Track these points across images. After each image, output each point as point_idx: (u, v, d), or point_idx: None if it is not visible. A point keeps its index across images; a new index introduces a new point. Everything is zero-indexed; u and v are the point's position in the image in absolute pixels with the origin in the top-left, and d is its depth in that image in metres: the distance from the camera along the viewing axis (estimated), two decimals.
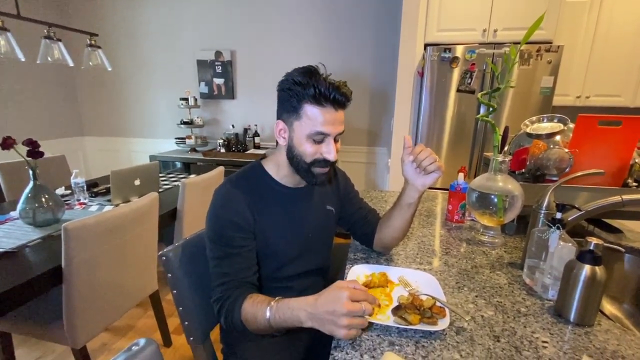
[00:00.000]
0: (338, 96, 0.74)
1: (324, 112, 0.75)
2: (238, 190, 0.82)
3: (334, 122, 0.76)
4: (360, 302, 0.59)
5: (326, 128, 0.75)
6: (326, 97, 0.73)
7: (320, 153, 0.78)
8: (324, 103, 0.74)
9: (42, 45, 1.76)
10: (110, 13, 3.42)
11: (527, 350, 0.60)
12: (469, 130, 2.25)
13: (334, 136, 0.78)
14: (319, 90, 0.72)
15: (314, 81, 0.73)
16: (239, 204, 0.80)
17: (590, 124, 1.01)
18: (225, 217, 0.79)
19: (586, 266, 0.65)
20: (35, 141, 1.40)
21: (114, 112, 3.72)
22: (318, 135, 0.76)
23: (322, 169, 0.81)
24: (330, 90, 0.73)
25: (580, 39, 2.29)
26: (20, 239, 1.34)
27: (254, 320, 0.71)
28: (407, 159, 0.83)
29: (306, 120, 0.75)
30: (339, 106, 0.76)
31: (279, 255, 0.86)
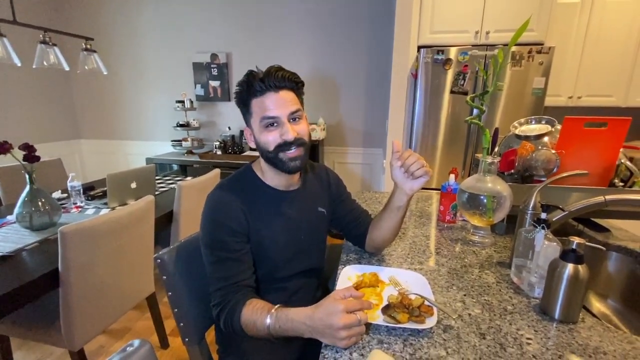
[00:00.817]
0: (273, 81, 0.78)
1: (265, 98, 0.79)
2: (230, 194, 0.84)
3: (279, 104, 0.79)
4: (356, 313, 0.61)
5: (272, 112, 0.79)
6: (261, 86, 0.78)
7: (281, 137, 0.80)
8: (263, 91, 0.79)
9: (38, 50, 1.77)
10: (105, 17, 3.43)
11: (512, 347, 0.61)
12: (462, 132, 2.27)
13: (286, 117, 0.80)
14: (255, 85, 0.78)
15: (251, 79, 0.79)
16: (232, 208, 0.82)
17: (576, 126, 1.03)
18: (220, 222, 0.81)
19: (569, 265, 0.67)
20: (31, 146, 1.41)
21: (110, 115, 3.73)
22: (267, 119, 0.79)
23: (288, 152, 0.81)
24: (263, 78, 0.78)
25: (572, 40, 2.33)
26: (17, 242, 1.35)
27: (253, 327, 0.72)
28: (396, 164, 0.84)
29: (256, 114, 0.81)
30: (278, 88, 0.79)
31: (272, 257, 0.87)
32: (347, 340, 0.60)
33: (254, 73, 0.80)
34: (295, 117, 0.81)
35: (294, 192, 0.92)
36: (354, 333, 0.61)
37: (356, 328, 0.61)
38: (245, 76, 0.81)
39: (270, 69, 0.79)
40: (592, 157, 1.04)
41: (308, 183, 0.97)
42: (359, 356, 0.59)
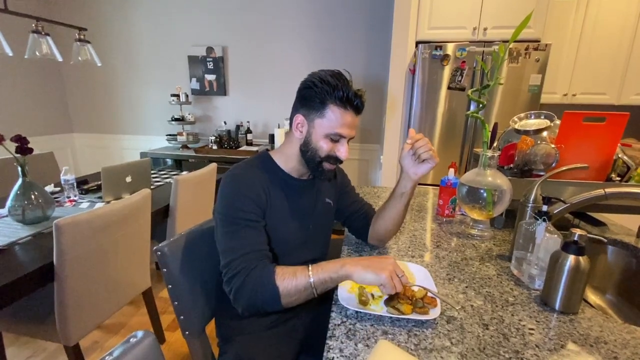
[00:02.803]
0: (359, 103, 0.81)
1: (346, 115, 0.80)
2: (250, 172, 0.85)
3: (351, 126, 0.82)
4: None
5: (344, 130, 0.81)
6: (350, 101, 0.79)
7: (334, 151, 0.84)
8: (347, 107, 0.80)
9: (30, 39, 1.73)
10: (99, 7, 3.35)
11: (515, 337, 0.62)
12: (459, 127, 2.28)
13: (348, 138, 0.84)
14: (346, 94, 0.78)
15: (342, 84, 0.78)
16: (254, 183, 0.82)
17: (575, 121, 1.04)
18: (242, 192, 0.80)
19: (570, 256, 0.68)
20: (24, 137, 1.38)
21: (104, 108, 3.66)
22: (337, 135, 0.81)
23: (331, 165, 0.86)
24: (355, 96, 0.79)
25: (567, 38, 2.34)
26: (9, 236, 1.32)
27: (292, 280, 0.71)
28: (407, 148, 0.87)
29: (328, 119, 0.80)
30: (357, 112, 0.82)
31: (282, 242, 0.87)
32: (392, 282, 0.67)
33: (347, 81, 0.80)
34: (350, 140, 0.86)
35: (306, 182, 0.93)
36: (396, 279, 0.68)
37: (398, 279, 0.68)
38: (336, 77, 0.79)
39: (360, 92, 0.81)
40: (591, 152, 1.05)
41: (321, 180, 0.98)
42: (364, 347, 0.59)
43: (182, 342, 1.70)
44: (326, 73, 0.80)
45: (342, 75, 0.81)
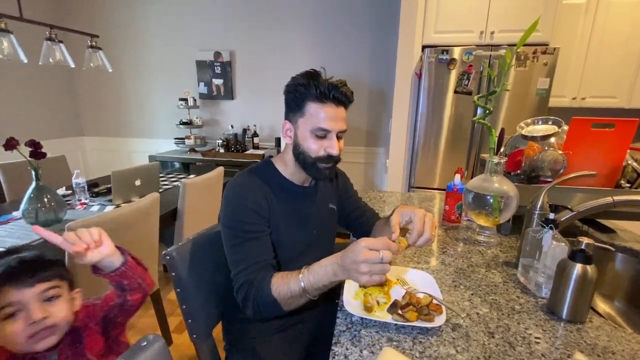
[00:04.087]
0: (337, 94, 0.80)
1: (325, 108, 0.80)
2: (252, 181, 0.86)
3: (335, 119, 0.81)
4: (378, 250, 0.63)
5: (327, 124, 0.80)
6: (326, 95, 0.79)
7: (324, 149, 0.82)
8: (324, 100, 0.80)
9: (44, 46, 1.77)
10: (110, 14, 3.42)
11: (521, 345, 0.62)
12: (466, 132, 2.27)
13: (335, 132, 0.82)
14: (319, 89, 0.79)
15: (315, 81, 0.79)
16: (256, 193, 0.84)
17: (583, 127, 1.04)
18: (243, 204, 0.82)
19: (578, 265, 0.67)
20: (37, 142, 1.42)
21: (113, 112, 3.73)
22: (320, 130, 0.81)
23: (326, 164, 0.84)
24: (330, 88, 0.79)
25: (576, 41, 2.32)
26: (22, 238, 1.35)
27: (287, 291, 0.72)
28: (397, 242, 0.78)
29: (309, 117, 0.81)
30: (339, 103, 0.81)
31: (288, 249, 0.88)
32: (367, 276, 0.62)
33: (320, 76, 0.81)
34: (340, 135, 0.85)
35: (309, 188, 0.94)
36: (375, 270, 0.62)
37: (378, 265, 0.62)
38: (309, 75, 0.81)
39: (338, 82, 0.80)
40: (599, 158, 1.04)
41: (320, 181, 0.98)
42: (369, 354, 0.60)
43: (190, 344, 1.71)
44: (300, 74, 0.82)
45: (314, 72, 0.82)
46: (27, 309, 0.61)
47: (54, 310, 0.64)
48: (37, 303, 0.62)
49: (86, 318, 0.73)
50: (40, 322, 0.61)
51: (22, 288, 0.61)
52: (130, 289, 0.71)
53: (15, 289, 0.61)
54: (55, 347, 0.65)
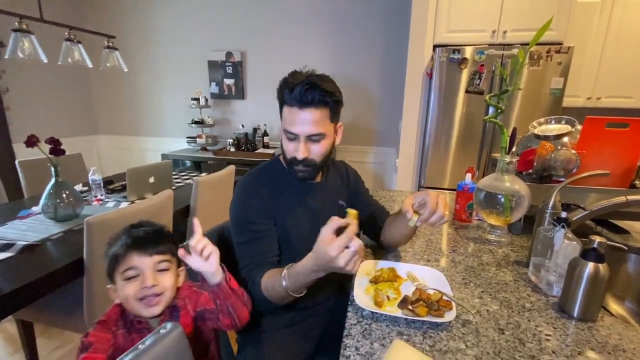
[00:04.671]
0: (300, 97, 0.77)
1: (290, 111, 0.80)
2: (258, 181, 0.90)
3: (300, 122, 0.79)
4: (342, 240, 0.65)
5: (292, 127, 0.81)
6: (291, 98, 0.79)
7: (294, 151, 0.83)
8: (290, 103, 0.80)
9: (63, 47, 1.83)
10: (125, 15, 3.50)
11: (531, 342, 0.62)
12: (477, 131, 2.26)
13: (303, 138, 0.81)
14: (286, 92, 0.79)
15: (286, 84, 0.80)
16: (260, 192, 0.88)
17: (597, 126, 1.03)
18: (248, 204, 0.87)
19: (590, 263, 0.67)
20: (57, 139, 1.46)
21: (127, 111, 3.81)
22: (288, 133, 0.82)
23: (301, 168, 0.85)
24: (297, 89, 0.77)
25: (591, 40, 2.29)
26: (42, 232, 1.40)
27: (274, 291, 0.77)
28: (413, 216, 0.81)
29: (283, 119, 0.84)
30: (304, 105, 0.78)
31: (294, 245, 0.90)
32: (351, 264, 0.65)
33: (288, 80, 0.80)
34: (314, 139, 0.82)
35: (317, 184, 0.96)
36: (352, 257, 0.65)
37: (350, 252, 0.65)
38: (286, 77, 0.81)
39: (301, 83, 0.77)
40: (613, 158, 1.03)
41: (330, 177, 1.00)
42: (380, 346, 0.61)
43: None
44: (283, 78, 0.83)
45: (290, 74, 0.81)
46: (143, 275, 0.72)
47: (163, 280, 0.74)
48: (151, 271, 0.72)
49: (186, 298, 0.79)
50: (150, 288, 0.71)
51: (143, 256, 0.72)
52: (221, 310, 0.75)
53: (138, 256, 0.72)
54: (157, 316, 0.74)
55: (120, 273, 0.72)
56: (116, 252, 0.73)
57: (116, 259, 0.72)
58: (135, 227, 0.78)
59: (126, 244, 0.72)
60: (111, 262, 0.73)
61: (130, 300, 0.71)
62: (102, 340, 0.70)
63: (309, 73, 0.81)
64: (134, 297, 0.71)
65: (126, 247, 0.72)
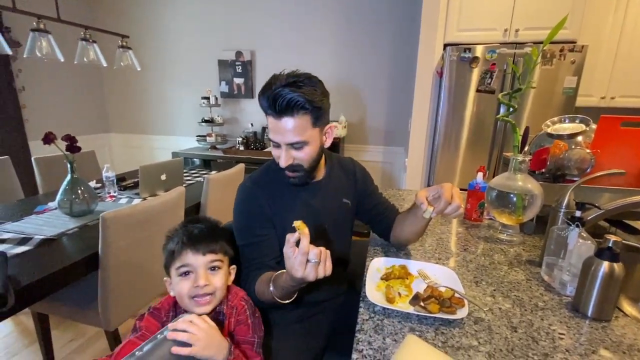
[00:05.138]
0: (276, 104, 0.74)
1: (270, 120, 0.79)
2: (256, 185, 0.92)
3: (278, 130, 0.78)
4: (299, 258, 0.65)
5: (273, 136, 0.80)
6: (267, 105, 0.77)
7: (278, 158, 0.83)
8: (268, 112, 0.78)
9: (79, 46, 1.87)
10: (136, 16, 3.56)
11: (544, 340, 0.62)
12: (487, 130, 2.24)
13: (284, 146, 0.80)
14: (264, 99, 0.77)
15: (263, 91, 0.78)
16: (257, 197, 0.90)
17: (612, 125, 1.01)
18: (246, 210, 0.90)
19: (604, 262, 0.67)
20: (73, 137, 1.50)
21: (139, 109, 3.87)
22: (271, 141, 0.82)
23: (290, 173, 0.86)
24: (270, 97, 0.75)
25: (606, 39, 2.25)
26: (59, 227, 1.43)
27: (263, 295, 0.80)
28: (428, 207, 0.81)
29: (268, 126, 0.82)
30: (281, 114, 0.75)
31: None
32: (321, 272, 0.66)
33: (265, 87, 0.77)
34: (296, 147, 0.80)
35: (318, 183, 0.95)
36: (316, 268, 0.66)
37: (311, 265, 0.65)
38: (263, 85, 0.78)
39: (276, 91, 0.74)
40: (629, 157, 1.02)
41: (333, 175, 1.00)
42: (392, 341, 0.61)
43: None
44: None
45: (271, 78, 0.78)
46: (196, 273, 0.73)
47: (214, 279, 0.75)
48: (204, 270, 0.74)
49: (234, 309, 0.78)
50: (202, 287, 0.72)
51: (197, 254, 0.74)
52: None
53: (192, 254, 0.73)
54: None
55: (175, 268, 0.75)
56: (173, 248, 0.75)
57: (172, 254, 0.75)
58: (191, 223, 0.79)
59: (182, 240, 0.74)
60: (168, 256, 0.76)
61: (183, 297, 0.73)
62: (150, 328, 0.74)
63: (288, 75, 0.77)
64: (187, 294, 0.73)
65: (182, 244, 0.74)
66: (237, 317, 0.77)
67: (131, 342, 0.71)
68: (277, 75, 0.78)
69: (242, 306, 0.78)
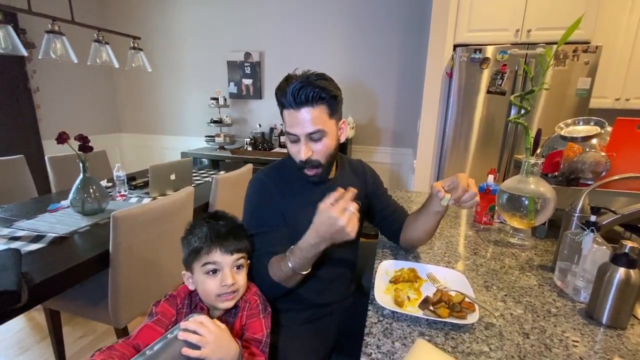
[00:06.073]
0: (295, 95, 0.78)
1: (287, 113, 0.82)
2: (269, 178, 0.93)
3: (298, 122, 0.80)
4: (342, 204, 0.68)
5: (291, 129, 0.82)
6: (286, 99, 0.80)
7: (298, 153, 0.84)
8: (286, 105, 0.81)
9: (92, 48, 1.90)
10: (147, 18, 3.60)
11: (557, 347, 0.61)
12: (498, 132, 2.21)
13: (304, 136, 0.82)
14: (283, 95, 0.80)
15: (280, 88, 0.81)
16: (270, 190, 0.91)
17: (629, 128, 0.99)
18: (259, 201, 0.91)
19: (620, 269, 0.65)
20: (86, 137, 1.52)
21: (149, 110, 3.92)
22: (289, 135, 0.84)
23: (308, 170, 0.86)
24: (289, 91, 0.78)
25: (621, 39, 2.20)
26: (71, 225, 1.46)
27: (279, 271, 0.79)
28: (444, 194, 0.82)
29: (284, 122, 0.85)
30: (300, 104, 0.79)
31: None
32: (350, 225, 0.67)
33: (282, 84, 0.81)
34: (314, 138, 0.82)
35: (330, 182, 0.95)
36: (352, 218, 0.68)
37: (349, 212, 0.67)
38: (279, 84, 0.82)
39: (296, 85, 0.77)
40: None
41: (344, 175, 1.00)
42: (402, 345, 0.61)
43: None
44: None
45: (286, 77, 0.82)
46: (222, 272, 0.74)
47: (239, 278, 0.77)
48: (230, 269, 0.75)
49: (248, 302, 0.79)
50: (229, 286, 0.73)
51: (225, 253, 0.74)
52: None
53: (220, 253, 0.74)
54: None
55: (200, 265, 0.75)
56: (199, 244, 0.75)
57: (198, 251, 0.74)
58: (214, 219, 0.79)
59: (210, 238, 0.74)
60: (192, 253, 0.76)
61: (210, 294, 0.74)
62: (166, 314, 0.76)
63: (303, 73, 0.82)
64: (214, 292, 0.74)
65: (210, 242, 0.74)
66: (249, 311, 0.78)
67: (148, 326, 0.73)
68: (292, 75, 0.82)
69: (255, 300, 0.80)
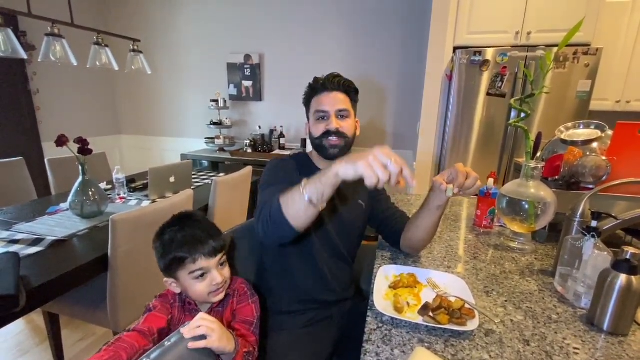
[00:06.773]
0: (328, 83, 0.96)
1: (320, 95, 0.97)
2: (290, 158, 1.04)
3: (330, 100, 0.95)
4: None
5: (323, 106, 0.95)
6: (319, 85, 0.97)
7: (326, 127, 0.95)
8: (319, 91, 0.97)
9: (92, 50, 1.90)
10: (147, 20, 3.61)
11: (558, 355, 0.60)
12: (498, 135, 2.21)
13: (333, 112, 0.95)
14: (315, 85, 0.98)
15: (313, 83, 1.00)
16: (290, 170, 0.99)
17: (629, 132, 0.99)
18: (280, 170, 0.98)
19: (622, 275, 0.65)
20: (85, 139, 1.52)
21: (149, 112, 3.92)
22: (319, 112, 0.96)
23: (330, 139, 0.95)
24: (324, 81, 0.97)
25: (621, 41, 2.20)
26: (69, 228, 1.45)
27: (292, 201, 0.73)
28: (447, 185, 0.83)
29: (313, 108, 0.99)
30: (332, 88, 0.96)
31: (313, 238, 0.94)
32: (370, 169, 0.62)
33: (317, 78, 0.99)
34: (342, 115, 0.96)
35: None
36: (379, 162, 0.63)
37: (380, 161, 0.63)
38: (311, 81, 1.00)
39: (329, 75, 0.97)
40: None
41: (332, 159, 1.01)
42: (401, 353, 0.60)
43: None
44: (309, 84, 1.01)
45: (315, 77, 1.00)
46: (211, 274, 0.79)
47: (225, 272, 0.83)
48: (216, 269, 0.80)
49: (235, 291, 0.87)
50: (219, 284, 0.80)
51: (210, 258, 0.79)
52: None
53: (206, 258, 0.78)
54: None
55: (187, 273, 0.78)
56: (183, 255, 0.77)
57: (182, 260, 0.77)
58: (187, 222, 0.82)
59: (192, 246, 0.77)
60: (174, 262, 0.78)
61: (202, 295, 0.79)
62: (164, 307, 0.82)
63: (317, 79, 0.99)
64: (205, 292, 0.79)
65: (194, 250, 0.77)
66: (239, 298, 0.86)
67: (153, 314, 0.78)
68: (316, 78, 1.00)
69: (243, 288, 0.88)
